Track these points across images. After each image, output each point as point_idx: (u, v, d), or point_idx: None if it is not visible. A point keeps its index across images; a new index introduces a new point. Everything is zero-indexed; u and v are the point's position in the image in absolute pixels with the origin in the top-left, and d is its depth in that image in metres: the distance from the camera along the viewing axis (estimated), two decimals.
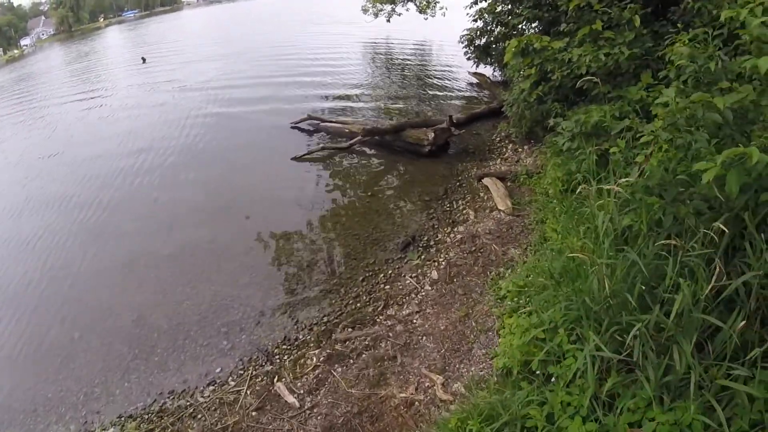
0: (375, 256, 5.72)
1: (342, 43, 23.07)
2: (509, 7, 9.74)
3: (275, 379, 3.97)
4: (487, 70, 13.41)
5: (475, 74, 13.63)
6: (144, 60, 25.97)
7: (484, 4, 11.42)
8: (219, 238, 6.63)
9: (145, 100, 15.45)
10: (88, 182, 9.32)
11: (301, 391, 3.78)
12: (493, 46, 11.73)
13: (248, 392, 3.90)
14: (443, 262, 5.18)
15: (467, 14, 12.62)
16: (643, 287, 2.17)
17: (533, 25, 8.51)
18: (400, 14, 21.40)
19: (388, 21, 21.84)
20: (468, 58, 13.22)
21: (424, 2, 20.44)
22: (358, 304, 4.86)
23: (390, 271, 5.36)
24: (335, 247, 6.11)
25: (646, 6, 5.09)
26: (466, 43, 12.57)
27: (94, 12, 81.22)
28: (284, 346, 4.45)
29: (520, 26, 8.72)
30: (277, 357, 4.32)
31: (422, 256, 5.46)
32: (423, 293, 4.77)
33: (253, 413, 3.67)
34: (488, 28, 11.36)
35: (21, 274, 6.52)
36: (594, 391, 2.13)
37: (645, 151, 2.83)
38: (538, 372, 2.57)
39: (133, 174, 9.29)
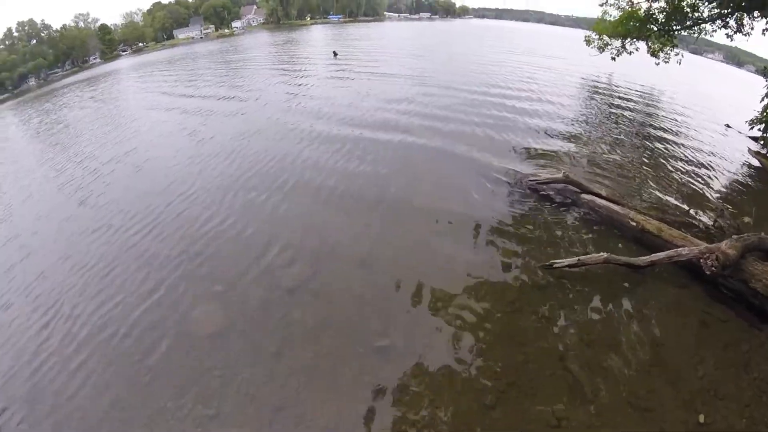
0: None
1: (554, 80, 18.39)
2: None
3: None
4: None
5: (757, 154, 9.94)
6: (335, 54, 27.73)
7: None
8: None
9: (342, 100, 14.19)
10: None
11: None
12: None
13: None
14: None
15: None
16: None
17: None
18: (630, 53, 18.31)
19: (614, 59, 18.98)
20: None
21: (658, 44, 16.90)
22: None
23: None
24: None
25: None
26: None
27: (302, 10, 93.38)
28: None
29: None
30: None
31: None
32: None
33: None
34: None
35: None
36: None
37: None
38: None
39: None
